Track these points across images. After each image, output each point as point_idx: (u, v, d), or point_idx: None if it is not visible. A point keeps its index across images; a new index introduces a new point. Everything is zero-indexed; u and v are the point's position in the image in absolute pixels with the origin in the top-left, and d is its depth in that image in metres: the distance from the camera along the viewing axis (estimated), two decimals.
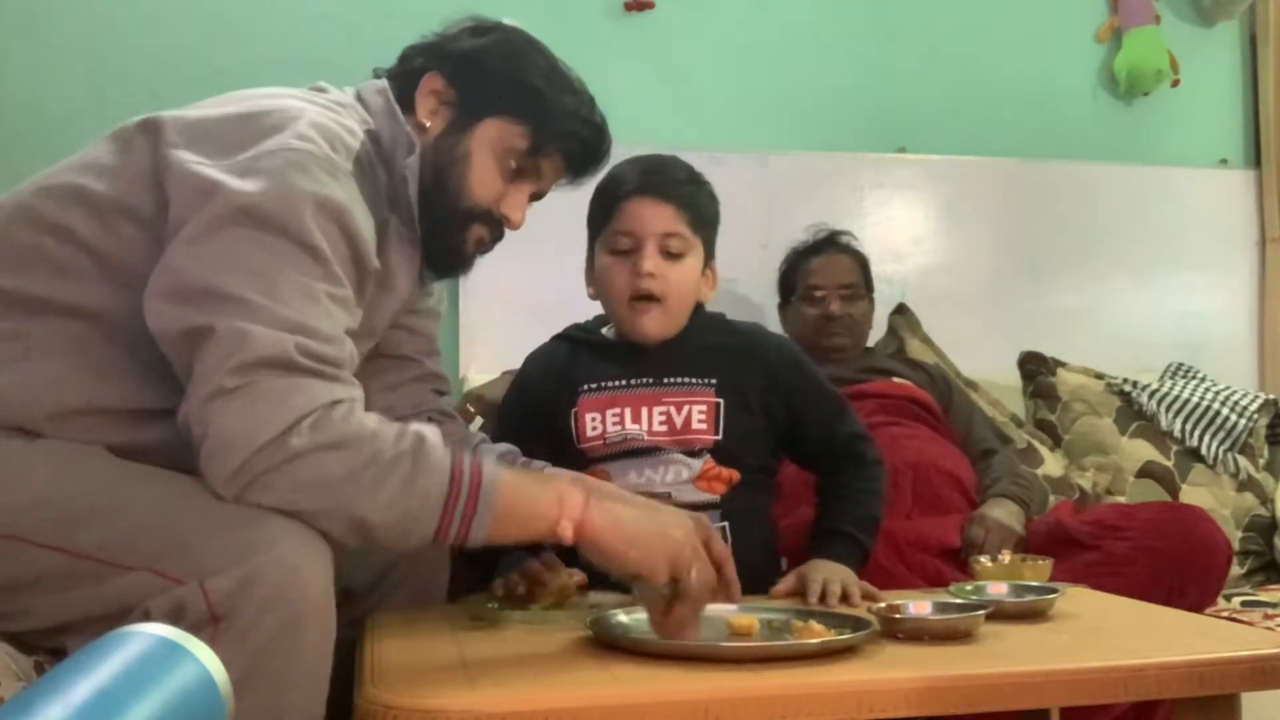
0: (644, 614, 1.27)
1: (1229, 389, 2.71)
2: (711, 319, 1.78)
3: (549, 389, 1.74)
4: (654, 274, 1.66)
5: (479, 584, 1.57)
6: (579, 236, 1.85)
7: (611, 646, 1.16)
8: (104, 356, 1.25)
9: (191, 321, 1.16)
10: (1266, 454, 2.70)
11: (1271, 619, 2.03)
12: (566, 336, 1.83)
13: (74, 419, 1.23)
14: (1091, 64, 3.04)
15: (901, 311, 2.73)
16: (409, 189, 1.42)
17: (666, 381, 1.69)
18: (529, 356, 1.84)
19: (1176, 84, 3.03)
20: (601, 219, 1.71)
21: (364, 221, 1.29)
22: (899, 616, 1.23)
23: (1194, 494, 2.53)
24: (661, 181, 1.69)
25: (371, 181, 1.36)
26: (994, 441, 2.32)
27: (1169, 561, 1.85)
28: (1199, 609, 1.82)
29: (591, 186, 1.72)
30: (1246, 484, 2.60)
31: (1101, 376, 2.73)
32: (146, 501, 1.17)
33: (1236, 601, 2.21)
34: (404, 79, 1.47)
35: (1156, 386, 2.69)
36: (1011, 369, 2.76)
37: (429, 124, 1.46)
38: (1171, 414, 2.65)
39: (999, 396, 2.69)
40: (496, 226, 1.49)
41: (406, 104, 1.46)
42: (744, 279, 2.62)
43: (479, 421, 2.13)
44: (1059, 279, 2.93)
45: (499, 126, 1.45)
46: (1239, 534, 2.52)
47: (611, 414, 1.68)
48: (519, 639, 1.27)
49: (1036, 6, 3.00)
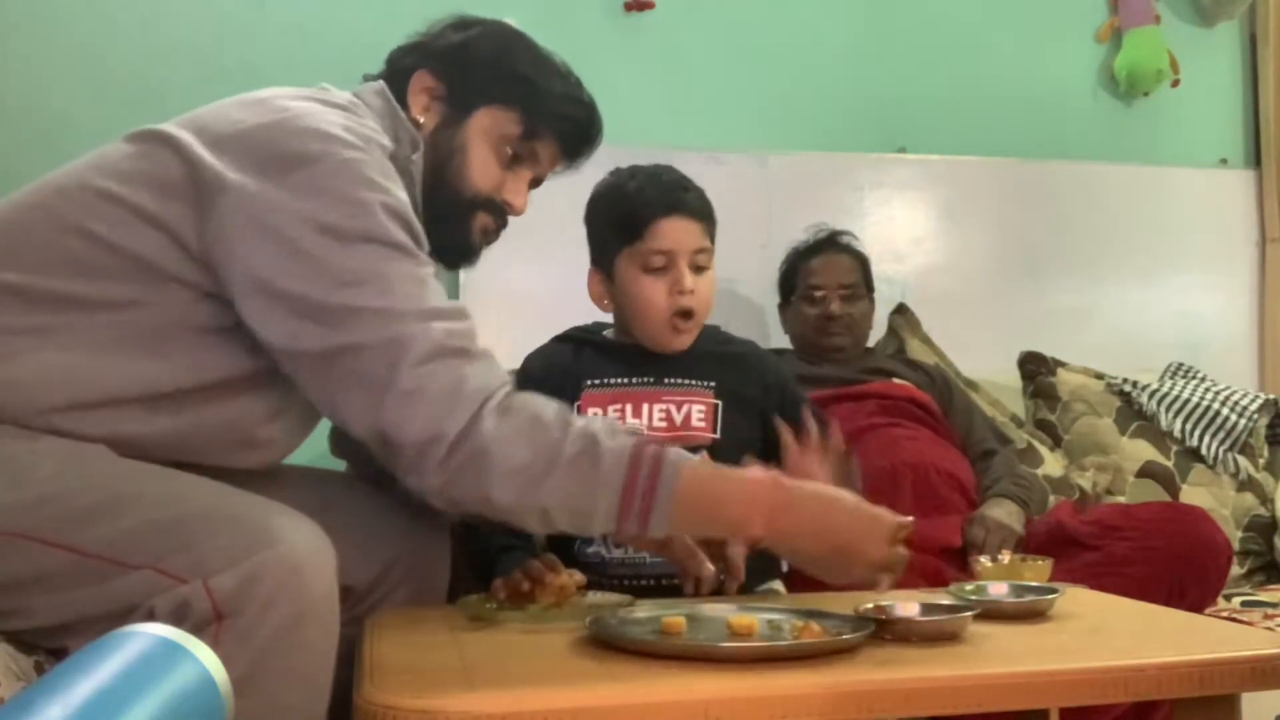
0: (643, 614, 1.27)
1: (1229, 389, 2.71)
2: (711, 329, 1.84)
3: (552, 383, 1.74)
4: (693, 291, 1.73)
5: (479, 584, 1.57)
6: (578, 238, 1.85)
7: (611, 646, 1.16)
8: (122, 348, 1.25)
9: (338, 340, 1.21)
10: (1266, 454, 2.69)
11: (1271, 619, 2.04)
12: (568, 338, 1.86)
13: (87, 411, 1.23)
14: (1091, 64, 3.04)
15: (901, 311, 2.73)
16: (415, 186, 1.44)
17: (667, 382, 1.75)
18: (529, 355, 1.86)
19: (1176, 84, 3.03)
20: (629, 236, 1.75)
21: (413, 213, 1.33)
22: (886, 618, 1.23)
23: (1194, 494, 2.53)
24: (689, 199, 1.76)
25: (402, 177, 1.38)
26: (994, 442, 2.33)
27: (1169, 561, 1.86)
28: (1199, 609, 1.82)
29: (589, 188, 1.72)
30: (1246, 484, 2.60)
31: (1101, 376, 2.73)
32: (149, 500, 1.17)
33: (1236, 601, 2.21)
34: (394, 80, 1.49)
35: (1156, 386, 2.69)
36: (1011, 369, 2.76)
37: (423, 120, 1.48)
38: (1171, 414, 2.65)
39: (999, 396, 2.69)
40: (500, 214, 1.52)
41: (400, 104, 1.47)
42: (744, 279, 2.63)
43: None
44: (1059, 279, 2.92)
45: (491, 115, 1.48)
46: (1239, 534, 2.51)
47: (613, 409, 1.73)
48: (519, 639, 1.26)
49: (1036, 6, 3.00)
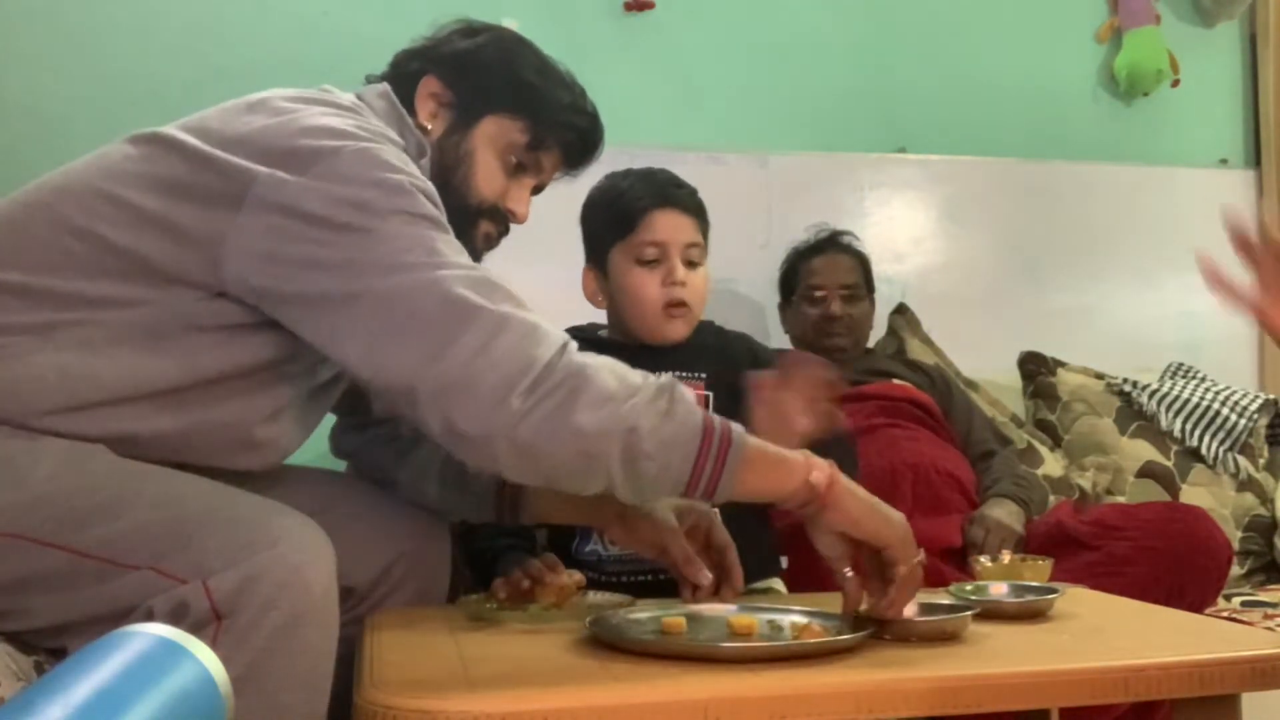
0: (643, 614, 1.27)
1: (1229, 389, 2.71)
2: (704, 324, 1.84)
3: None
4: (685, 283, 1.74)
5: (479, 584, 1.57)
6: (577, 241, 1.85)
7: (611, 646, 1.16)
8: (118, 348, 1.25)
9: (389, 283, 1.18)
10: (1266, 454, 2.69)
11: (1271, 619, 2.04)
12: None
13: (86, 410, 1.22)
14: (1091, 64, 3.04)
15: (901, 312, 2.73)
16: None
17: (660, 374, 1.72)
18: None
19: (1176, 84, 3.03)
20: (622, 230, 1.76)
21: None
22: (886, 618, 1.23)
23: (1194, 494, 2.53)
24: (681, 194, 1.78)
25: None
26: (994, 443, 2.33)
27: (1169, 561, 1.86)
28: (1199, 609, 1.82)
29: (587, 187, 1.72)
30: (1246, 484, 2.60)
31: (1101, 376, 2.73)
32: (148, 500, 1.17)
33: (1236, 601, 2.21)
34: (400, 83, 1.48)
35: (1156, 386, 2.69)
36: (1011, 369, 2.76)
37: (430, 126, 1.48)
38: (1171, 414, 2.65)
39: (999, 396, 2.69)
40: (502, 221, 1.52)
41: (406, 108, 1.47)
42: (744, 279, 2.63)
43: None
44: (1059, 279, 2.92)
45: (498, 123, 1.48)
46: (1239, 534, 2.51)
47: None
48: (518, 639, 1.26)
49: (1036, 6, 3.00)
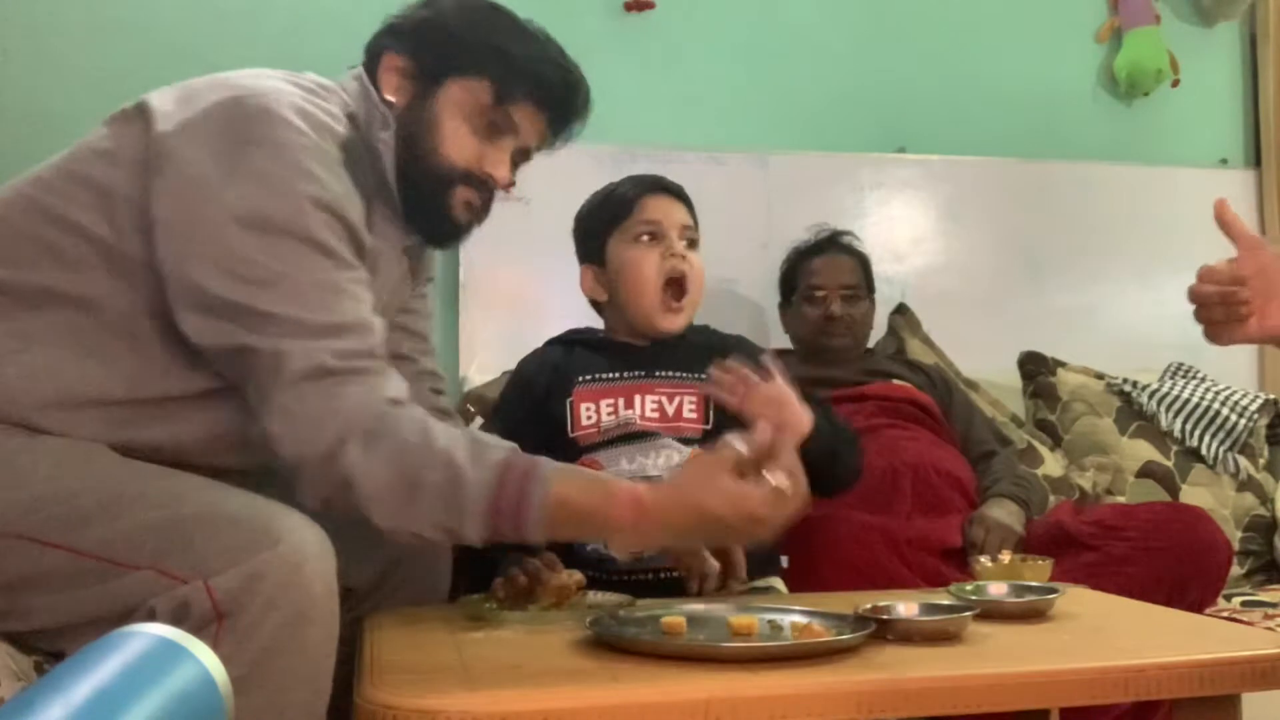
0: (643, 614, 1.27)
1: (1229, 389, 2.71)
2: (700, 327, 1.86)
3: (544, 382, 1.81)
4: (685, 257, 1.76)
5: (479, 584, 1.57)
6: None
7: (611, 646, 1.16)
8: (106, 346, 1.25)
9: (236, 340, 1.22)
10: (1266, 454, 2.69)
11: (1271, 619, 2.03)
12: (561, 340, 1.90)
13: (76, 410, 1.23)
14: (1091, 64, 3.04)
15: (901, 312, 2.73)
16: (384, 163, 1.43)
17: (659, 375, 1.78)
18: (524, 358, 1.89)
19: (1176, 84, 3.03)
20: (617, 218, 1.80)
21: (355, 207, 1.32)
22: (887, 618, 1.23)
23: (1194, 494, 2.53)
24: (671, 185, 1.84)
25: (357, 164, 1.37)
26: (994, 443, 2.33)
27: (1169, 561, 1.86)
28: (1199, 609, 1.82)
29: (589, 190, 1.74)
30: (1246, 484, 2.59)
31: (1101, 376, 2.73)
32: (149, 500, 1.17)
33: (1236, 601, 2.21)
34: (370, 65, 1.48)
35: (1156, 386, 2.69)
36: (1011, 369, 2.76)
37: (395, 99, 1.46)
38: (1171, 414, 2.64)
39: (999, 396, 2.69)
40: (482, 187, 1.48)
41: (375, 87, 1.46)
42: (744, 279, 2.63)
43: (479, 421, 2.13)
44: (1059, 279, 2.92)
45: (462, 86, 1.45)
46: (1239, 534, 2.51)
47: (606, 403, 1.75)
48: (518, 639, 1.26)
49: (1036, 6, 3.00)
